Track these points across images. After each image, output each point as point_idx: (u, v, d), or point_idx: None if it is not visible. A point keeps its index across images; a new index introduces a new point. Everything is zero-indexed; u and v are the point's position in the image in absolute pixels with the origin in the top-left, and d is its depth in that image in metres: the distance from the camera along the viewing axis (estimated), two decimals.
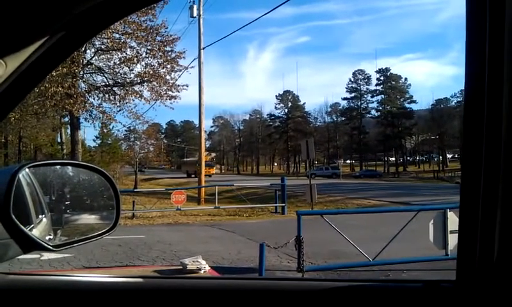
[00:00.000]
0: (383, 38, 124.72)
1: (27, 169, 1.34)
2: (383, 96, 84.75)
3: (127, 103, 23.89)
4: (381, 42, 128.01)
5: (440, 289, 1.16)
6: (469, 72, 1.03)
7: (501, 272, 0.95)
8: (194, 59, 27.12)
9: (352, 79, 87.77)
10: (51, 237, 1.40)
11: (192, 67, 26.38)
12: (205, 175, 60.77)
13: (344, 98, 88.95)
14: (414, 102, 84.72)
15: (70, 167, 1.61)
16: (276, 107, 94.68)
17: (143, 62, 22.71)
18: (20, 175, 1.25)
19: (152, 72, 22.73)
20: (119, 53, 22.28)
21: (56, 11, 0.99)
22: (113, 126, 34.28)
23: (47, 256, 8.87)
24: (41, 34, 1.01)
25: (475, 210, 1.00)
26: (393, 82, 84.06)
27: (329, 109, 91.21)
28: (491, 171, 0.97)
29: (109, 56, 22.78)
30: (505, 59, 0.94)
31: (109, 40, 21.14)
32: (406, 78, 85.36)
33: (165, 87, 23.64)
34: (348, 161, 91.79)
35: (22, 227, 1.15)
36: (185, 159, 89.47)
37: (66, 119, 28.75)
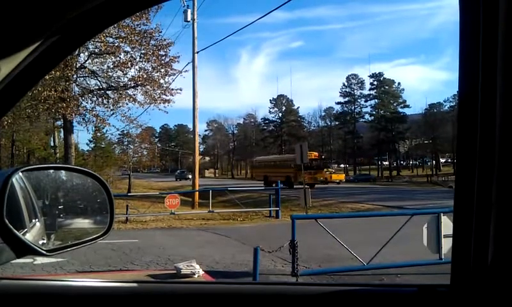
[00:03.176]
0: (376, 42, 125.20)
1: (20, 173, 1.33)
2: (376, 100, 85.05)
3: (120, 107, 23.94)
4: (374, 47, 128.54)
5: (435, 293, 1.16)
6: (463, 76, 1.03)
7: (495, 276, 0.96)
8: (188, 63, 27.07)
9: (346, 84, 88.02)
10: (44, 242, 1.39)
11: (186, 71, 26.40)
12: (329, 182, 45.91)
13: (338, 103, 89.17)
14: (407, 106, 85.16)
15: (63, 172, 1.60)
16: (270, 111, 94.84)
17: (136, 66, 22.75)
18: (14, 179, 1.24)
19: (145, 76, 22.72)
20: (113, 57, 22.27)
21: (50, 15, 0.99)
22: (107, 130, 34.41)
23: (40, 260, 8.80)
24: (35, 37, 1.01)
25: (469, 214, 1.01)
26: (387, 87, 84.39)
27: (323, 113, 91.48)
28: (485, 174, 0.97)
29: (102, 60, 22.79)
30: (498, 63, 0.95)
31: (102, 44, 21.09)
32: (399, 83, 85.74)
33: (159, 91, 23.67)
34: (342, 165, 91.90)
35: (15, 231, 1.14)
36: (257, 158, 61.94)
37: (59, 122, 28.66)
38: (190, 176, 72.67)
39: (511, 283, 0.93)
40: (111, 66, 22.76)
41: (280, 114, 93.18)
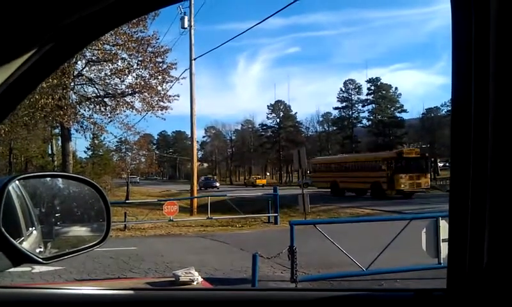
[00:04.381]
0: (373, 48, 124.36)
1: (17, 181, 1.33)
2: (373, 105, 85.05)
3: (118, 114, 23.93)
4: (370, 52, 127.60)
5: (431, 297, 1.17)
6: (456, 81, 1.04)
7: (491, 280, 0.96)
8: (186, 69, 27.10)
9: (343, 89, 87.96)
10: (41, 250, 1.39)
11: (184, 78, 26.42)
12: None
13: (335, 108, 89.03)
14: (405, 111, 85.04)
15: (60, 179, 1.60)
16: (267, 117, 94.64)
17: (134, 74, 22.80)
18: (10, 187, 1.24)
19: (143, 83, 22.76)
20: (110, 64, 22.29)
21: (46, 22, 0.99)
22: (104, 138, 34.36)
23: (38, 269, 8.78)
24: (31, 44, 1.00)
25: (465, 218, 1.01)
26: (384, 92, 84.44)
27: (320, 119, 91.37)
28: (480, 179, 0.97)
29: (100, 67, 22.79)
30: (490, 67, 0.95)
31: (100, 51, 21.13)
32: (396, 88, 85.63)
33: (156, 98, 23.69)
34: None
35: (12, 240, 1.14)
36: (318, 158, 48.38)
37: (57, 130, 28.63)
38: (218, 184, 62.15)
39: (506, 286, 0.93)
40: (109, 74, 22.80)
41: (278, 120, 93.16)
